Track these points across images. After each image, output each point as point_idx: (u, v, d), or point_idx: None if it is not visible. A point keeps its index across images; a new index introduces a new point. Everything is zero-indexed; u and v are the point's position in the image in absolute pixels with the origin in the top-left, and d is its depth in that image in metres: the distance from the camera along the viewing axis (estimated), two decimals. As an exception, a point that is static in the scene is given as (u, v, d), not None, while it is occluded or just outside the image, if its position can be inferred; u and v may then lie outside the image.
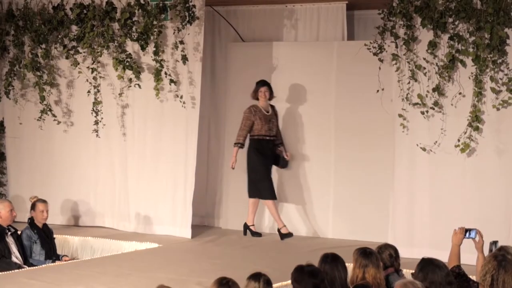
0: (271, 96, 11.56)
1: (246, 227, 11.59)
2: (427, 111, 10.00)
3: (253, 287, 5.55)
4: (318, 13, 12.07)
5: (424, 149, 9.98)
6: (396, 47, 10.17)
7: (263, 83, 11.49)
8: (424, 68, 10.03)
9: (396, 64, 10.18)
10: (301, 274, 5.74)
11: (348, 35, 11.92)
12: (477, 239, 7.15)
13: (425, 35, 10.02)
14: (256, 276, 5.59)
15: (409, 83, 10.09)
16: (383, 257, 6.88)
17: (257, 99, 11.48)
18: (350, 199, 11.45)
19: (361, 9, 12.05)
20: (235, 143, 11.46)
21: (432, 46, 9.93)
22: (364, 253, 6.45)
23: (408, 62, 10.10)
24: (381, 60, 10.41)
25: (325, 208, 11.64)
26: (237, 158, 11.42)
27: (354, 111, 11.46)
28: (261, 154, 11.43)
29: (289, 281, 5.96)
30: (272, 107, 11.64)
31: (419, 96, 10.01)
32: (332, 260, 6.16)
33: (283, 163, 11.65)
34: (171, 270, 8.87)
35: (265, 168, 11.46)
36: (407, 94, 10.10)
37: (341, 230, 11.41)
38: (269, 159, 11.52)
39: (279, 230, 11.34)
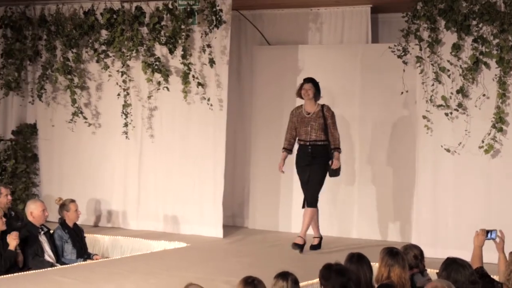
0: (316, 95, 10.27)
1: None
2: (451, 113, 9.96)
3: (281, 286, 5.53)
4: (342, 16, 12.08)
5: (448, 150, 9.95)
6: (420, 49, 10.14)
7: (307, 80, 10.38)
8: (448, 70, 9.98)
9: (420, 66, 10.15)
10: (329, 272, 5.73)
11: (372, 38, 11.92)
12: (497, 240, 7.14)
13: (449, 37, 9.98)
14: (284, 275, 5.58)
15: (433, 85, 10.07)
16: (408, 258, 6.86)
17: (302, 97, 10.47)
18: (374, 200, 11.44)
19: (385, 12, 12.03)
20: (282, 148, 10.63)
21: (456, 48, 9.89)
22: (391, 253, 6.44)
23: (432, 65, 10.07)
24: (405, 63, 10.36)
25: (350, 208, 11.63)
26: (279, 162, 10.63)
27: (379, 113, 11.46)
28: (296, 161, 10.47)
29: (316, 280, 5.97)
30: (322, 107, 10.28)
31: (443, 98, 9.98)
32: (358, 259, 6.15)
33: (330, 172, 10.28)
34: (199, 269, 8.89)
35: (301, 176, 10.41)
36: (431, 96, 10.07)
37: (364, 230, 11.39)
38: (305, 166, 10.28)
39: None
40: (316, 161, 10.17)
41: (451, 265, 5.98)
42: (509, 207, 9.66)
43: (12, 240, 8.84)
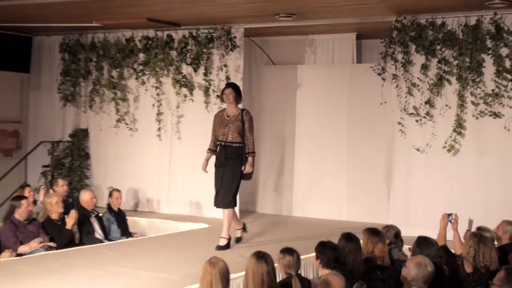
0: (236, 98, 8.96)
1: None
2: (420, 119, 10.01)
3: (288, 260, 5.56)
4: (333, 42, 12.12)
5: (418, 150, 10.00)
6: (396, 68, 10.17)
7: (228, 85, 9.26)
8: (418, 85, 10.03)
9: (395, 82, 10.19)
10: (324, 247, 5.78)
11: (357, 59, 11.97)
12: (453, 221, 7.25)
13: (419, 59, 10.03)
14: (290, 250, 5.61)
15: (406, 97, 10.09)
16: (388, 235, 6.97)
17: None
18: (359, 189, 11.48)
19: (367, 38, 12.08)
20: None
21: (424, 68, 9.95)
22: (375, 232, 6.53)
23: (405, 81, 10.10)
24: (383, 79, 10.39)
25: (340, 197, 11.70)
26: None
27: (363, 119, 11.50)
28: (215, 161, 9.07)
29: (312, 254, 6.00)
30: (242, 111, 8.94)
31: (414, 107, 10.03)
32: (350, 237, 6.20)
33: (242, 175, 8.91)
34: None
35: (215, 176, 9.01)
36: (404, 106, 10.10)
37: (352, 214, 11.45)
38: (219, 167, 8.92)
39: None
40: (230, 162, 8.79)
41: (423, 243, 6.06)
42: (466, 194, 9.72)
43: (69, 220, 8.96)
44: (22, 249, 8.32)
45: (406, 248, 7.26)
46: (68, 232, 8.95)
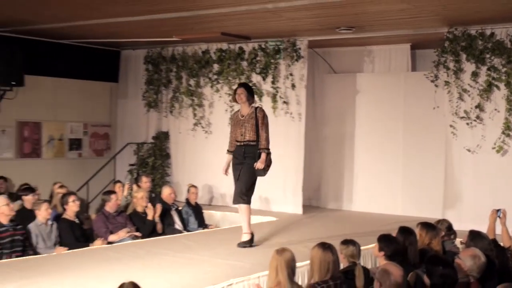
0: (248, 98, 8.13)
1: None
2: (471, 122, 9.85)
3: (351, 250, 5.55)
4: (389, 52, 11.98)
5: (469, 150, 9.85)
6: (448, 76, 10.04)
7: (240, 85, 8.42)
8: (469, 91, 9.87)
9: (447, 88, 10.05)
10: (387, 240, 5.74)
11: (412, 68, 11.79)
12: (501, 216, 7.13)
13: (469, 67, 9.87)
14: (352, 241, 5.59)
15: (457, 102, 9.95)
16: (441, 229, 6.86)
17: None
18: (414, 186, 11.33)
19: (421, 48, 11.88)
20: None
21: (474, 75, 9.78)
22: (431, 226, 6.43)
23: (457, 87, 9.95)
24: (436, 86, 10.28)
25: (396, 193, 11.56)
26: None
27: (417, 122, 11.34)
28: (232, 161, 8.34)
29: (370, 246, 5.95)
30: (255, 109, 8.15)
31: (465, 111, 9.88)
32: (408, 231, 6.12)
33: (256, 171, 8.12)
34: (285, 237, 8.92)
35: (234, 174, 8.35)
36: (456, 110, 9.95)
37: (407, 209, 11.30)
38: (238, 165, 8.20)
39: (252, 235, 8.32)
40: (248, 160, 8.07)
41: (476, 236, 6.00)
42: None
43: (151, 212, 9.11)
44: (111, 237, 8.50)
45: (457, 241, 7.13)
46: (151, 223, 9.11)
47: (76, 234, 8.26)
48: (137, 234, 8.77)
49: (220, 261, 7.17)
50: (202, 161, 12.61)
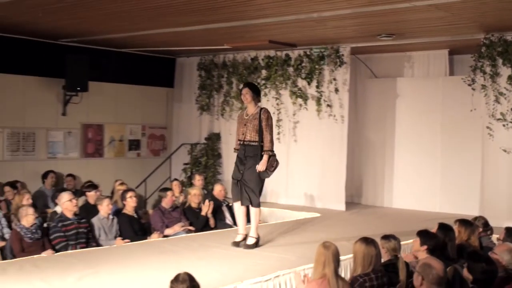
0: (254, 98, 7.47)
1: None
2: (507, 124, 9.60)
3: (394, 244, 5.49)
4: (428, 57, 11.75)
5: (505, 151, 9.61)
6: (484, 80, 9.81)
7: (245, 85, 7.72)
8: (505, 94, 9.62)
9: (484, 91, 9.82)
10: (426, 235, 5.65)
11: (449, 72, 11.54)
12: None
13: (505, 71, 9.63)
14: (393, 236, 5.53)
15: (493, 104, 9.71)
16: (478, 225, 6.71)
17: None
18: (451, 184, 11.10)
19: (458, 54, 11.63)
20: None
21: (510, 79, 9.54)
22: (469, 223, 6.32)
23: (493, 90, 9.72)
24: (473, 89, 10.07)
25: (434, 191, 11.34)
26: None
27: (454, 124, 11.11)
28: (236, 157, 7.70)
29: (411, 240, 5.87)
30: (260, 110, 7.45)
31: (501, 113, 9.63)
32: (447, 227, 6.01)
33: (260, 173, 7.41)
34: (329, 232, 8.83)
35: (233, 174, 7.68)
36: (492, 112, 9.72)
37: (444, 206, 11.08)
38: (239, 165, 7.55)
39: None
40: (249, 160, 7.42)
41: None
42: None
43: (204, 208, 9.14)
44: (167, 231, 8.56)
45: (494, 238, 6.96)
46: (203, 218, 9.14)
47: (135, 228, 8.33)
48: (191, 228, 8.80)
49: (267, 254, 7.14)
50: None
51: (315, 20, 8.96)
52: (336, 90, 11.35)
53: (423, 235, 5.64)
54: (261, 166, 7.31)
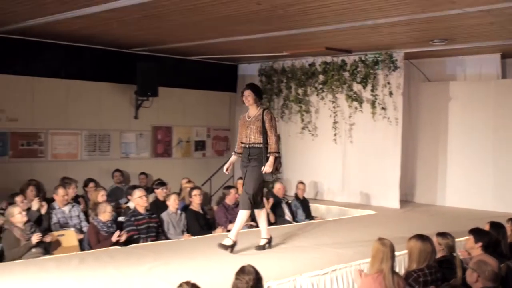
0: (256, 100, 6.95)
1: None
2: None
3: (451, 240, 5.38)
4: (480, 61, 11.41)
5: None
6: (537, 82, 9.51)
7: (247, 86, 7.15)
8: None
9: (536, 94, 9.52)
10: (480, 232, 5.51)
11: (502, 75, 11.20)
12: None
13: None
14: (448, 234, 5.42)
15: (547, 106, 9.40)
16: None
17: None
18: (503, 184, 10.78)
19: (511, 57, 11.29)
20: None
21: None
22: None
23: (546, 92, 9.41)
24: (526, 92, 9.78)
25: (486, 190, 11.02)
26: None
27: (507, 125, 10.80)
28: (241, 161, 7.11)
29: (465, 238, 5.74)
30: (263, 111, 6.92)
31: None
32: (499, 225, 5.84)
33: (264, 174, 6.81)
34: (384, 228, 8.69)
35: (242, 176, 7.09)
36: (546, 115, 9.41)
37: (496, 205, 10.74)
38: (243, 168, 6.98)
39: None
40: (252, 163, 6.86)
41: None
42: None
43: (265, 204, 9.15)
44: (230, 226, 8.57)
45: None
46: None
47: (201, 223, 8.41)
48: (253, 223, 8.80)
49: (325, 249, 7.09)
50: (309, 160, 12.56)
51: (370, 27, 8.85)
52: (390, 93, 11.19)
53: (477, 232, 5.49)
54: (268, 168, 6.69)
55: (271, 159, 6.71)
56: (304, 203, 10.27)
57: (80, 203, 8.97)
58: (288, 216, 9.64)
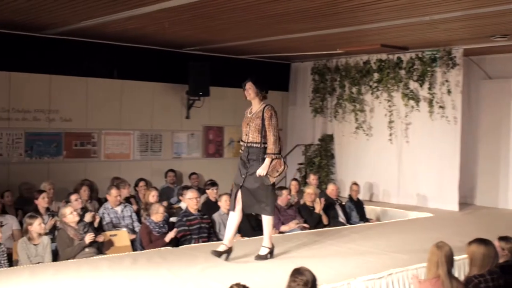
0: (258, 93, 6.40)
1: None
2: None
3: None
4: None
5: None
6: None
7: (248, 79, 6.51)
8: None
9: None
10: None
11: None
12: None
13: None
14: (511, 238, 5.30)
15: None
16: None
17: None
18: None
19: None
20: None
21: None
22: None
23: None
24: None
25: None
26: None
27: None
28: (239, 159, 6.58)
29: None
30: (264, 107, 6.37)
31: None
32: None
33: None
34: (441, 232, 8.45)
35: (236, 179, 6.54)
36: None
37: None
38: (242, 169, 6.44)
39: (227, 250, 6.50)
40: (252, 164, 6.34)
41: None
42: None
43: (317, 206, 9.12)
44: (283, 228, 8.60)
45: None
46: (317, 215, 9.11)
47: (252, 224, 8.44)
48: (305, 225, 8.80)
49: (380, 252, 7.01)
50: (363, 161, 12.43)
51: (426, 23, 8.70)
52: (449, 91, 10.97)
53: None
54: (261, 170, 6.18)
55: (267, 161, 6.22)
56: (358, 205, 10.17)
57: (132, 203, 9.13)
58: (341, 218, 9.57)
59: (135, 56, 11.50)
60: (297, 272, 4.07)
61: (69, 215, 7.09)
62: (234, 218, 6.49)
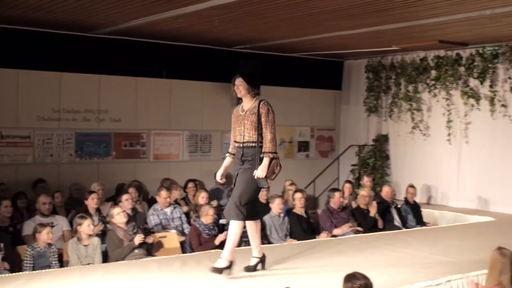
0: (249, 90, 5.96)
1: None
2: None
3: None
4: None
5: None
6: None
7: (238, 74, 6.10)
8: None
9: None
10: None
11: None
12: None
13: None
14: None
15: None
16: None
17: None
18: None
19: None
20: None
21: None
22: None
23: None
24: None
25: None
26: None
27: None
28: (234, 164, 6.10)
29: None
30: (259, 103, 5.92)
31: None
32: None
33: (257, 181, 5.80)
34: (504, 237, 8.17)
35: (234, 182, 6.09)
36: None
37: None
38: (236, 171, 5.98)
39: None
40: (246, 164, 5.86)
41: None
42: None
43: (372, 209, 9.04)
44: (335, 231, 8.56)
45: None
46: (372, 219, 9.03)
47: (303, 227, 8.43)
48: (359, 229, 8.73)
49: (438, 258, 6.88)
50: (420, 162, 12.25)
51: (487, 17, 8.51)
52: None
53: None
54: (260, 172, 5.71)
55: (266, 161, 5.75)
56: (415, 208, 10.03)
57: (181, 204, 9.24)
58: (397, 221, 9.46)
59: (184, 55, 11.63)
60: (353, 277, 4.06)
61: (117, 215, 7.23)
62: (252, 225, 6.03)
